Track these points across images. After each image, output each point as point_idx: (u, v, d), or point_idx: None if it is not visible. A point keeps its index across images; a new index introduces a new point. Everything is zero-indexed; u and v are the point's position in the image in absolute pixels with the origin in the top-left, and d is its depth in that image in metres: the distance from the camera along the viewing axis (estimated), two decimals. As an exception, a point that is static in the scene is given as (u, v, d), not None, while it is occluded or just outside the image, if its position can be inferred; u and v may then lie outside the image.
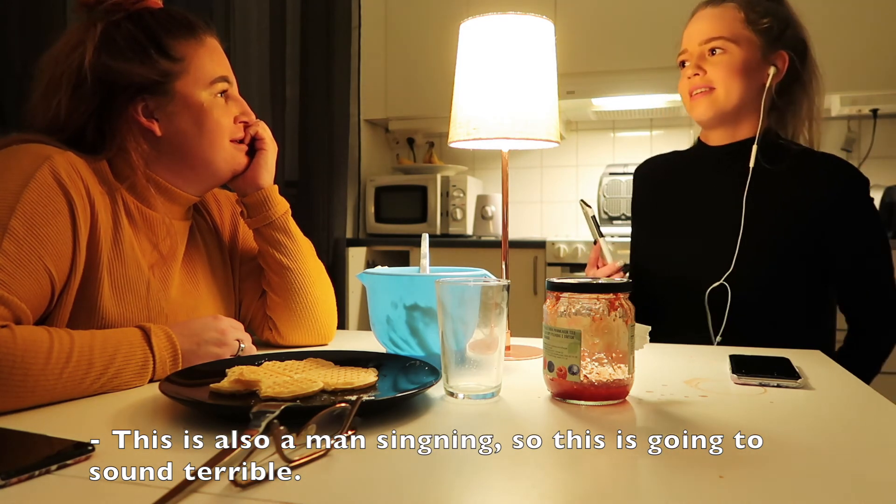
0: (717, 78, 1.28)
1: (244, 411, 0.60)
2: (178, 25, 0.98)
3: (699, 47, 1.29)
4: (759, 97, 1.28)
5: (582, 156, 3.44)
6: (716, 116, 1.30)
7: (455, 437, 0.64)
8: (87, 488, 0.51)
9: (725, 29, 1.27)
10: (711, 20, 1.29)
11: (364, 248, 3.15)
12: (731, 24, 1.27)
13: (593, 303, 0.75)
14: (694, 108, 1.32)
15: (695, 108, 1.32)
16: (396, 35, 3.29)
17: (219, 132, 0.99)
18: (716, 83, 1.28)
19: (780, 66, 1.28)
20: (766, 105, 1.28)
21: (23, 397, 0.71)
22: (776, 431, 0.66)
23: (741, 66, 1.26)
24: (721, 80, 1.27)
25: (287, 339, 1.11)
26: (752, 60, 1.27)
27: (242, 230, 1.17)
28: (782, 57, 1.28)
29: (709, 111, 1.30)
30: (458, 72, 1.10)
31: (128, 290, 0.92)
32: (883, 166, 3.01)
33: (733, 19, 1.27)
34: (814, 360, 1.02)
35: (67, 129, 0.93)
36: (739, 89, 1.27)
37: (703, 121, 1.33)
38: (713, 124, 1.34)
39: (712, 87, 1.28)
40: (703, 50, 1.29)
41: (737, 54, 1.26)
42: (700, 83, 1.29)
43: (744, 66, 1.26)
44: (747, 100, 1.28)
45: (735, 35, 1.26)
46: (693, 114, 1.33)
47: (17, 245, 0.79)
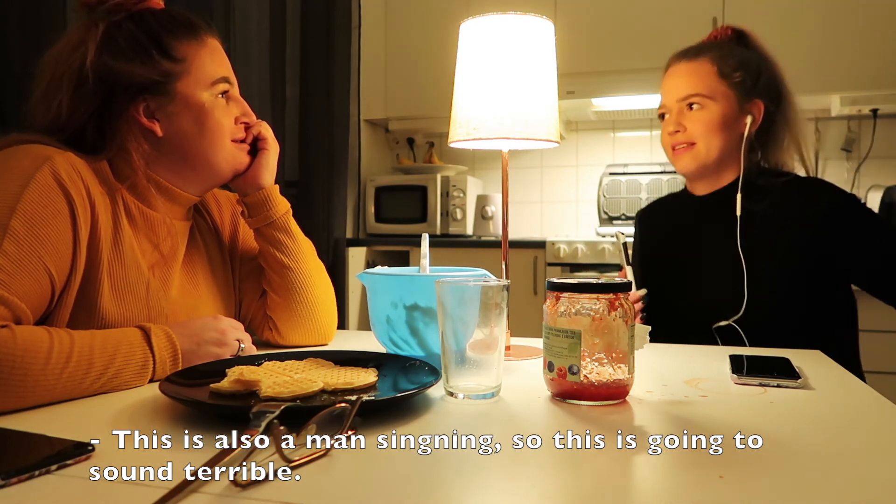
0: (697, 133, 1.32)
1: (244, 411, 0.60)
2: (179, 26, 0.98)
3: (677, 104, 1.34)
4: (739, 146, 1.32)
5: (582, 156, 3.44)
6: (698, 170, 1.35)
7: (455, 437, 0.64)
8: (87, 488, 0.51)
9: (702, 85, 1.31)
10: (687, 77, 1.33)
11: (364, 248, 3.15)
12: (707, 80, 1.31)
13: (593, 303, 0.75)
14: (677, 162, 1.37)
15: (678, 161, 1.37)
16: (396, 35, 3.29)
17: (220, 132, 0.99)
18: (697, 139, 1.32)
19: (756, 115, 1.32)
20: (745, 153, 1.32)
21: (23, 397, 0.71)
22: (776, 431, 0.66)
23: (719, 120, 1.31)
24: (701, 135, 1.32)
25: (287, 339, 1.11)
26: (730, 114, 1.31)
27: (242, 230, 1.17)
28: (758, 106, 1.32)
29: (691, 165, 1.35)
30: (458, 72, 1.10)
31: (127, 291, 0.92)
32: (883, 166, 3.01)
33: (708, 74, 1.31)
34: (814, 360, 1.02)
35: (68, 129, 0.93)
36: (719, 143, 1.32)
37: (686, 173, 1.38)
38: (696, 177, 1.39)
39: (693, 143, 1.33)
40: (681, 106, 1.33)
41: (714, 110, 1.31)
42: (682, 139, 1.34)
43: (722, 120, 1.31)
44: (727, 151, 1.33)
45: (711, 91, 1.31)
46: (676, 166, 1.38)
47: (18, 245, 0.79)
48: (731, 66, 1.31)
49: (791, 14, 2.74)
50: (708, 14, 2.83)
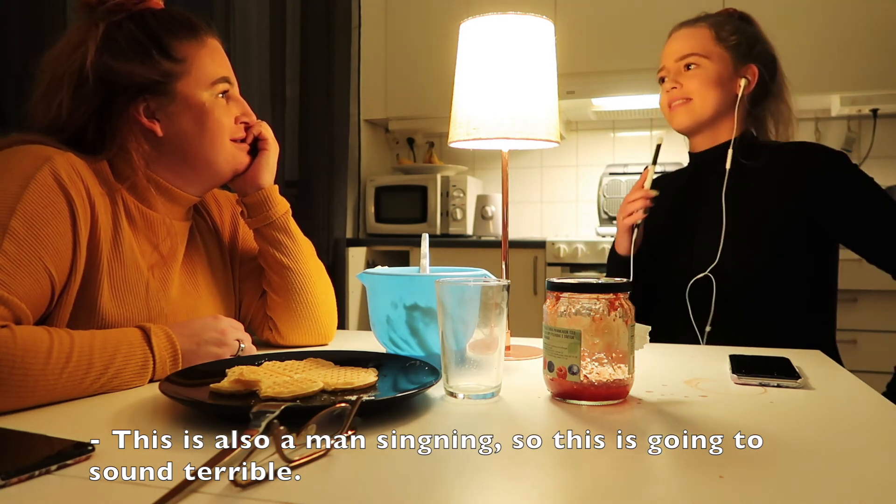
0: (693, 89, 1.38)
1: (244, 411, 0.60)
2: (179, 26, 0.98)
3: (675, 63, 1.41)
4: (734, 106, 1.39)
5: (582, 156, 3.44)
6: (694, 124, 1.41)
7: (455, 437, 0.64)
8: (87, 488, 0.51)
9: (698, 46, 1.38)
10: (685, 39, 1.41)
11: (364, 248, 3.15)
12: (703, 42, 1.39)
13: (593, 303, 0.75)
14: (674, 118, 1.43)
15: (674, 118, 1.43)
16: (396, 35, 3.29)
17: (220, 132, 0.99)
18: (692, 94, 1.38)
19: (750, 79, 1.38)
20: (740, 111, 1.39)
21: (23, 397, 0.71)
22: (776, 431, 0.66)
23: (714, 77, 1.37)
24: (697, 90, 1.38)
25: (287, 339, 1.11)
26: (724, 73, 1.38)
27: (242, 230, 1.17)
28: (752, 70, 1.39)
29: (687, 119, 1.41)
30: (458, 72, 1.10)
31: (127, 291, 0.92)
32: (883, 166, 3.01)
33: (705, 37, 1.39)
34: (814, 360, 1.02)
35: (68, 129, 0.93)
36: (714, 99, 1.38)
37: (682, 129, 1.44)
38: (692, 131, 1.44)
39: (689, 98, 1.39)
40: (679, 66, 1.40)
41: (710, 67, 1.37)
42: (678, 94, 1.40)
43: (717, 77, 1.37)
44: (722, 108, 1.39)
45: (707, 51, 1.38)
46: (673, 124, 1.44)
47: (18, 245, 0.79)
48: (727, 31, 1.39)
49: (791, 14, 2.74)
50: (708, 14, 2.83)
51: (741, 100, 1.38)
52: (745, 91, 1.38)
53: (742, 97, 1.38)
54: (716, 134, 1.42)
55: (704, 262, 1.35)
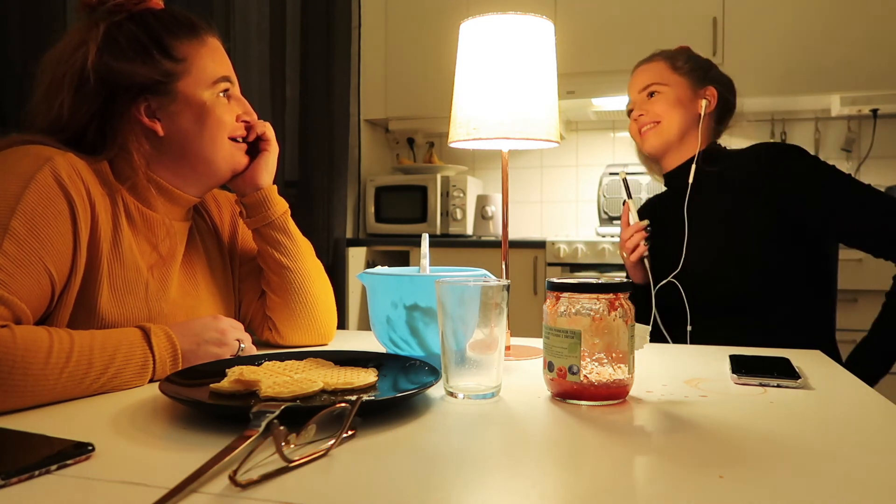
0: (659, 112, 1.51)
1: (244, 411, 0.60)
2: (180, 26, 0.98)
3: (639, 94, 1.54)
4: (697, 125, 1.51)
5: (582, 156, 3.44)
6: (663, 144, 1.52)
7: (455, 437, 0.64)
8: (87, 488, 0.51)
9: (657, 76, 1.53)
10: (644, 73, 1.55)
11: (364, 248, 3.15)
12: (661, 72, 1.53)
13: (593, 303, 0.75)
14: (645, 143, 1.54)
15: (645, 141, 1.54)
16: (396, 35, 3.29)
17: (220, 130, 0.99)
18: (659, 116, 1.51)
19: (710, 98, 1.51)
20: (703, 127, 1.51)
21: (23, 397, 0.72)
22: (776, 431, 0.66)
23: (675, 100, 1.50)
24: (662, 112, 1.50)
25: (287, 339, 1.11)
26: (684, 95, 1.51)
27: (242, 231, 1.17)
28: (710, 91, 1.51)
29: (656, 140, 1.52)
30: (458, 72, 1.10)
31: (127, 291, 0.92)
32: (883, 166, 3.01)
33: (661, 69, 1.53)
34: (814, 360, 1.02)
35: (69, 129, 0.93)
36: (678, 118, 1.50)
37: (653, 150, 1.54)
38: (662, 151, 1.54)
39: (657, 121, 1.51)
40: (643, 96, 1.54)
41: (669, 92, 1.51)
42: (646, 120, 1.52)
43: (677, 100, 1.50)
44: (686, 127, 1.51)
45: (665, 79, 1.52)
46: (644, 147, 1.55)
47: (18, 246, 0.80)
48: (681, 61, 1.53)
49: (791, 14, 2.74)
50: (708, 14, 2.84)
51: (703, 117, 1.50)
52: (706, 109, 1.50)
53: (704, 115, 1.50)
54: (682, 151, 1.53)
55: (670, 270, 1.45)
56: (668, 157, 1.55)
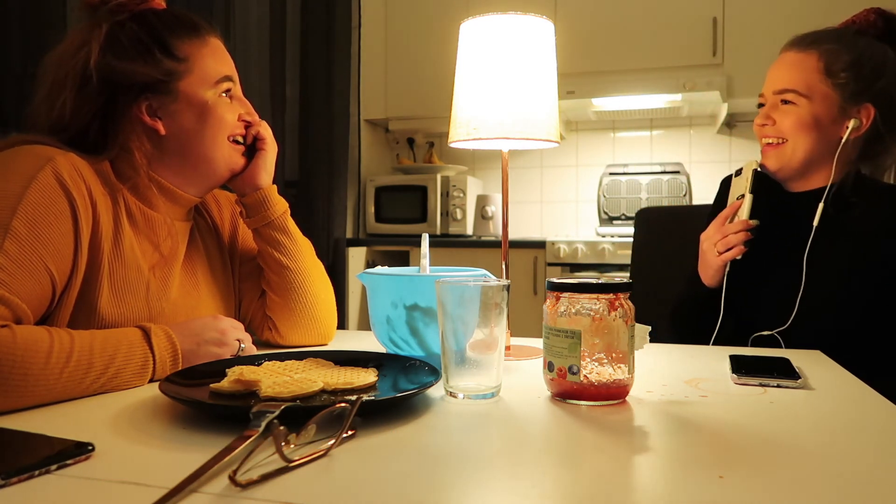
0: (786, 130, 1.23)
1: (244, 411, 0.60)
2: (181, 26, 0.98)
3: (773, 96, 1.26)
4: (834, 151, 1.22)
5: (582, 156, 3.44)
6: (784, 170, 1.27)
7: (455, 437, 0.64)
8: (87, 488, 0.51)
9: (800, 81, 1.22)
10: (789, 69, 1.24)
11: (364, 248, 3.15)
12: (808, 76, 1.22)
13: (593, 303, 0.75)
14: (764, 158, 1.29)
15: (764, 157, 1.29)
16: (396, 35, 3.29)
17: (221, 128, 0.99)
18: (785, 135, 1.24)
19: (863, 121, 1.21)
20: (840, 158, 1.22)
21: (23, 397, 0.72)
22: (776, 431, 0.66)
23: (811, 120, 1.21)
24: (790, 132, 1.23)
25: (287, 339, 1.11)
26: (825, 116, 1.21)
27: (242, 230, 1.17)
28: (867, 110, 1.21)
29: (775, 163, 1.26)
30: (458, 72, 1.10)
31: (127, 291, 0.92)
32: (883, 166, 3.01)
33: (812, 70, 1.22)
34: (814, 360, 1.02)
35: (70, 129, 0.93)
36: (808, 144, 1.22)
37: (770, 171, 1.29)
38: (783, 176, 1.29)
39: (783, 140, 1.24)
40: (776, 99, 1.25)
41: (808, 108, 1.21)
42: (770, 133, 1.26)
43: (814, 121, 1.21)
44: (818, 154, 1.23)
45: (809, 89, 1.21)
46: (762, 160, 1.29)
47: (19, 245, 0.80)
48: (841, 64, 1.20)
49: (791, 14, 2.74)
50: (708, 14, 2.84)
51: (843, 145, 1.21)
52: (851, 135, 1.20)
53: (846, 141, 1.20)
54: (809, 180, 1.27)
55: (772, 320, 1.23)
56: (792, 183, 1.29)
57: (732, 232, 1.23)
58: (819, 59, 1.22)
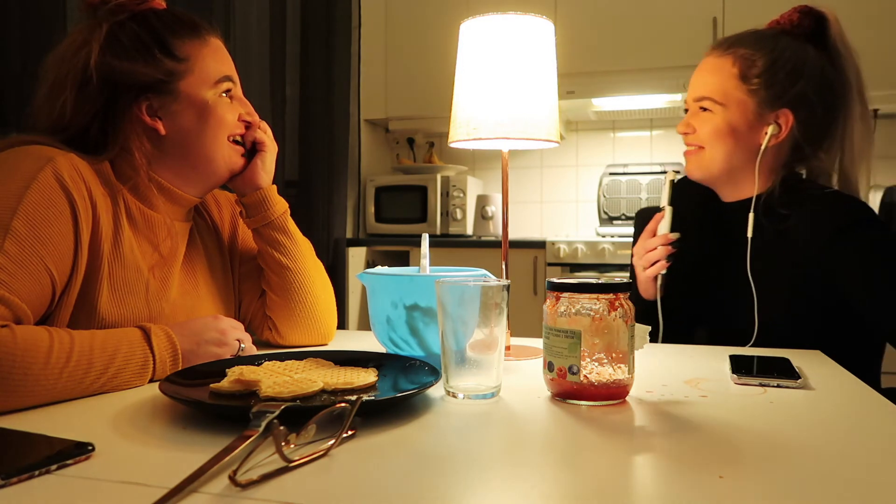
0: (703, 138, 1.21)
1: (244, 411, 0.60)
2: (182, 26, 0.98)
3: (693, 103, 1.24)
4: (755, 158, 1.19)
5: (582, 156, 3.44)
6: (705, 178, 1.25)
7: (455, 437, 0.64)
8: (87, 488, 0.51)
9: (716, 88, 1.20)
10: (707, 75, 1.22)
11: (364, 248, 3.15)
12: (724, 82, 1.19)
13: (593, 303, 0.75)
14: (686, 164, 1.27)
15: (686, 163, 1.26)
16: (396, 35, 3.29)
17: (221, 128, 1.00)
18: (704, 143, 1.21)
19: (781, 126, 1.18)
20: (762, 166, 1.19)
21: (23, 397, 0.71)
22: (776, 431, 0.66)
23: (726, 128, 1.19)
24: (707, 140, 1.21)
25: (287, 339, 1.11)
26: (742, 123, 1.18)
27: (242, 230, 1.17)
28: (784, 116, 1.18)
29: (695, 171, 1.25)
30: (458, 72, 1.10)
31: (127, 292, 0.92)
32: (883, 166, 3.01)
33: (728, 76, 1.19)
34: (814, 360, 1.02)
35: (71, 129, 0.94)
36: (725, 152, 1.20)
37: (694, 179, 1.27)
38: (709, 185, 1.27)
39: (701, 147, 1.22)
40: (695, 106, 1.23)
41: (723, 116, 1.19)
42: (690, 141, 1.24)
43: (730, 128, 1.19)
44: (739, 162, 1.21)
45: (724, 96, 1.19)
46: (686, 169, 1.27)
47: (19, 246, 0.80)
48: (756, 70, 1.18)
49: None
50: (708, 14, 2.83)
51: (764, 152, 1.18)
52: (771, 141, 1.18)
53: (767, 148, 1.18)
54: (738, 189, 1.24)
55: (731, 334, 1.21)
56: (721, 191, 1.26)
57: (653, 248, 1.22)
58: (734, 64, 1.19)
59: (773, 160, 1.21)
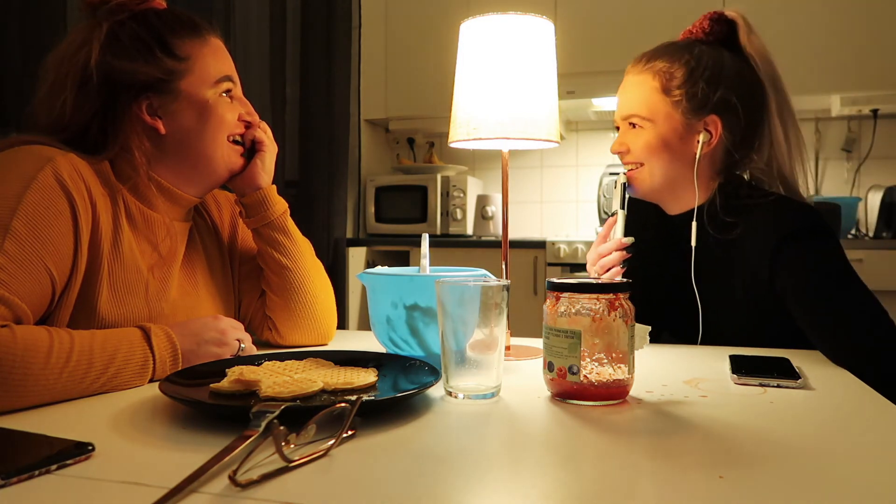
0: (639, 154, 1.20)
1: (244, 411, 0.60)
2: (182, 25, 0.98)
3: (622, 121, 1.23)
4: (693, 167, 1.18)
5: (582, 156, 3.44)
6: (648, 193, 1.24)
7: (455, 437, 0.64)
8: (87, 488, 0.51)
9: (642, 105, 1.19)
10: (631, 91, 1.22)
11: (364, 248, 3.15)
12: (647, 98, 1.19)
13: (593, 303, 0.75)
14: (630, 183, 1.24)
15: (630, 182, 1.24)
16: (396, 35, 3.29)
17: (220, 127, 1.00)
18: (641, 159, 1.21)
19: (711, 132, 1.17)
20: (700, 172, 1.18)
21: (23, 397, 0.71)
22: (776, 431, 0.66)
23: (659, 142, 1.18)
24: (643, 156, 1.20)
25: (287, 339, 1.11)
26: (672, 135, 1.17)
27: (242, 230, 1.17)
28: (713, 122, 1.17)
29: (640, 187, 1.23)
30: (458, 72, 1.10)
31: (127, 292, 0.92)
32: (883, 166, 3.01)
33: (651, 91, 1.18)
34: (814, 360, 1.02)
35: (70, 128, 0.94)
36: (663, 165, 1.19)
37: (641, 197, 1.25)
38: (653, 199, 1.26)
39: (640, 164, 1.21)
40: (625, 124, 1.23)
41: (653, 131, 1.18)
42: (628, 160, 1.23)
43: (662, 142, 1.18)
44: (678, 173, 1.19)
45: (651, 111, 1.18)
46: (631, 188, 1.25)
47: (19, 246, 0.80)
48: (675, 82, 1.17)
49: (791, 14, 2.74)
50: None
51: (700, 161, 1.17)
52: (704, 149, 1.17)
53: (702, 157, 1.17)
54: (681, 200, 1.22)
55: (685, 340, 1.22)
56: (666, 205, 1.25)
57: (607, 252, 1.21)
58: (654, 78, 1.19)
59: (710, 167, 1.20)
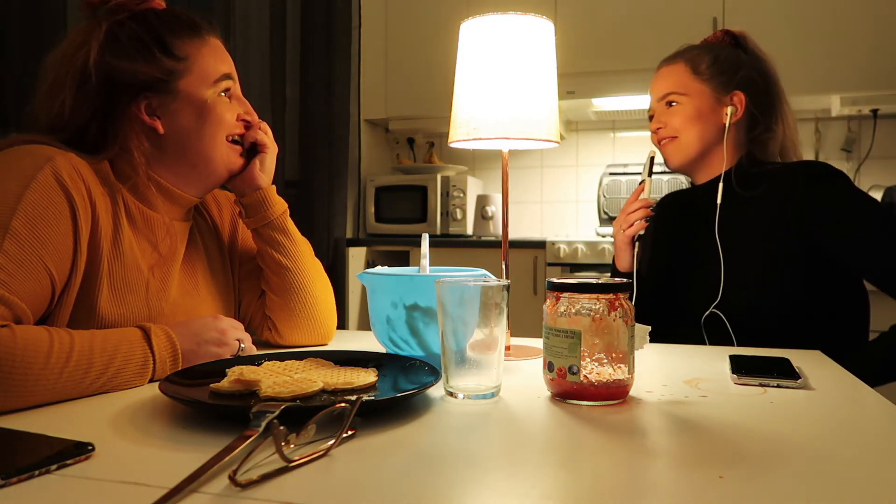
0: (677, 126, 1.40)
1: (244, 411, 0.60)
2: (181, 25, 0.98)
3: (658, 103, 1.44)
4: (723, 137, 1.38)
5: (582, 156, 3.44)
6: (686, 161, 1.42)
7: (455, 437, 0.64)
8: (87, 488, 0.51)
9: (676, 83, 1.41)
10: (664, 78, 1.43)
11: (364, 248, 3.15)
12: (681, 79, 1.41)
13: (593, 303, 0.75)
14: (666, 157, 1.44)
15: (666, 156, 1.44)
16: (396, 35, 3.29)
17: (219, 127, 1.00)
18: (677, 131, 1.40)
19: (737, 105, 1.38)
20: (729, 140, 1.38)
21: (23, 397, 0.71)
22: (776, 431, 0.66)
23: (695, 112, 1.38)
24: (681, 128, 1.39)
25: (287, 339, 1.11)
26: (705, 106, 1.39)
27: (242, 230, 1.17)
28: (738, 96, 1.38)
29: (677, 157, 1.42)
30: (458, 72, 1.10)
31: (127, 291, 0.92)
32: (883, 166, 3.01)
33: (682, 74, 1.41)
34: (814, 360, 1.02)
35: (70, 128, 0.94)
36: (698, 133, 1.39)
37: (676, 167, 1.44)
38: (687, 169, 1.44)
39: (675, 136, 1.40)
40: (661, 105, 1.43)
41: (690, 103, 1.39)
42: (664, 133, 1.42)
43: (697, 112, 1.38)
44: (710, 141, 1.39)
45: (685, 87, 1.40)
46: (667, 163, 1.45)
47: (19, 245, 0.80)
48: (704, 64, 1.40)
49: (791, 14, 2.74)
50: (708, 14, 2.83)
51: (729, 129, 1.37)
52: (732, 119, 1.37)
53: (730, 126, 1.37)
54: (711, 167, 1.42)
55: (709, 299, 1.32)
56: (696, 174, 1.44)
57: (633, 210, 1.42)
58: (685, 64, 1.42)
59: (736, 138, 1.40)
